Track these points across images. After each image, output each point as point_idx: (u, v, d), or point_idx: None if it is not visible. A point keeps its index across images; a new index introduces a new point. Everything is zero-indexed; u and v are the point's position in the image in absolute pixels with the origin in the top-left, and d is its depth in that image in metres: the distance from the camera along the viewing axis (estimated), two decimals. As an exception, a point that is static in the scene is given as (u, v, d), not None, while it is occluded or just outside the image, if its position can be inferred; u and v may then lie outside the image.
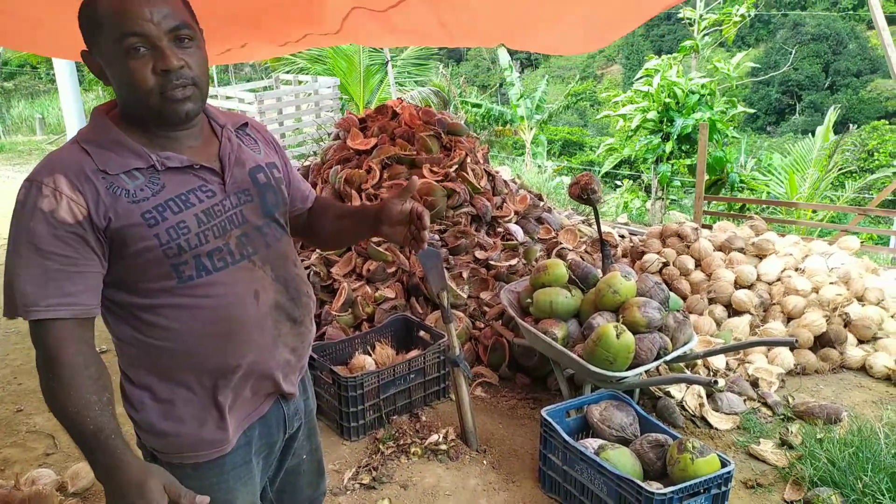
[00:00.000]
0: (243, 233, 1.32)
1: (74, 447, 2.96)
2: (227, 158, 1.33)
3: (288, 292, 1.40)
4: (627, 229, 5.98)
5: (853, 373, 3.65)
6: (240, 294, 1.30)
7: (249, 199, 1.34)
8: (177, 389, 1.31)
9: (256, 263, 1.33)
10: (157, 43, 1.18)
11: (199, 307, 1.26)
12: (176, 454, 1.34)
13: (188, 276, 1.25)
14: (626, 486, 2.28)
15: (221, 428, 1.34)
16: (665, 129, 8.57)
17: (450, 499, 2.67)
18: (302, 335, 1.46)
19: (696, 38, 10.10)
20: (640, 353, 2.80)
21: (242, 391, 1.36)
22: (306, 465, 1.64)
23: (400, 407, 3.20)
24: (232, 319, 1.29)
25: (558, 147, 18.59)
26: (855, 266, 4.20)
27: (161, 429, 1.32)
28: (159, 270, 1.23)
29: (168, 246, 1.22)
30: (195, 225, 1.25)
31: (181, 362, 1.29)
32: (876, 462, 2.58)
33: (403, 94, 9.74)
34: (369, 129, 4.68)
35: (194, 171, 1.28)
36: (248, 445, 1.42)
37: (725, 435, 3.06)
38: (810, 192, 8.83)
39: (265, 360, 1.36)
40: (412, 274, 3.89)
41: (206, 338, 1.28)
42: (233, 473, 1.39)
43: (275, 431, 1.48)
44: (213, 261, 1.27)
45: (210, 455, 1.35)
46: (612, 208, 10.30)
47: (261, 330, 1.33)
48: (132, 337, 1.28)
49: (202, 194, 1.27)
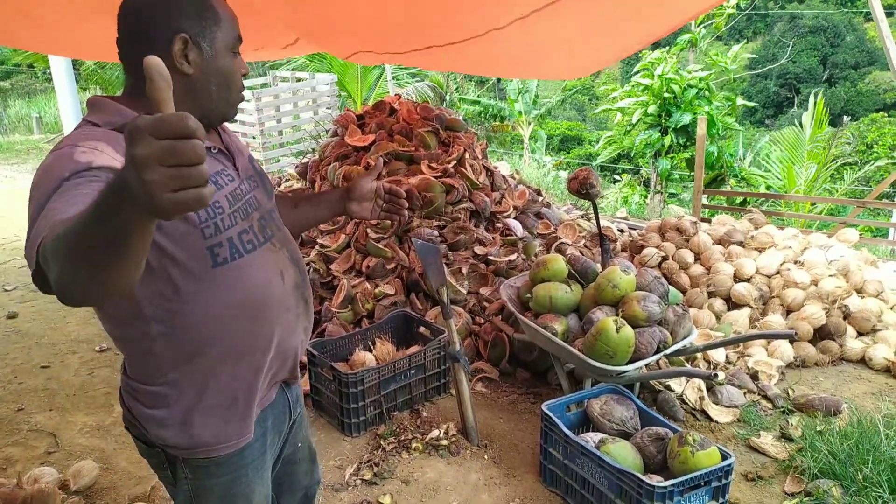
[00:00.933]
0: (261, 216, 1.35)
1: (75, 446, 2.99)
2: (231, 146, 1.38)
3: (300, 273, 1.44)
4: (626, 224, 5.99)
5: (853, 365, 3.66)
6: (269, 274, 1.32)
7: (257, 184, 1.39)
8: (206, 380, 1.28)
9: (276, 245, 1.37)
10: (240, 51, 1.32)
11: (234, 290, 1.26)
12: (201, 450, 1.31)
13: (223, 258, 1.24)
14: (627, 479, 2.28)
15: (245, 416, 1.34)
16: (664, 123, 8.57)
17: (451, 493, 2.68)
18: (310, 316, 1.49)
19: (693, 32, 10.08)
20: (640, 347, 2.80)
21: (266, 377, 1.37)
22: (301, 454, 1.65)
23: (400, 403, 3.21)
24: (265, 300, 1.31)
25: (557, 142, 18.58)
26: (854, 258, 4.21)
27: (182, 425, 1.29)
28: (194, 252, 1.21)
29: (206, 224, 1.21)
30: (227, 206, 1.26)
31: (212, 350, 1.27)
32: (876, 454, 2.59)
33: (401, 91, 9.72)
34: (367, 125, 4.67)
35: (213, 155, 1.30)
36: (264, 436, 1.42)
37: (726, 428, 3.07)
38: (808, 184, 8.84)
39: (290, 339, 1.39)
40: (412, 270, 3.89)
41: (240, 321, 1.28)
42: (252, 466, 1.39)
43: (283, 418, 1.49)
44: (244, 243, 1.28)
45: (234, 447, 1.34)
46: (612, 203, 10.30)
47: (286, 309, 1.37)
48: (161, 332, 1.23)
49: (226, 177, 1.30)
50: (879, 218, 10.63)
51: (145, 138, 0.69)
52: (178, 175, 0.70)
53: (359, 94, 9.96)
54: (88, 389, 3.56)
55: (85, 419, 3.26)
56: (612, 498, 2.37)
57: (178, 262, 1.20)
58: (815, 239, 4.45)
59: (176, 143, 0.69)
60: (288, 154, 7.28)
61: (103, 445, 3.04)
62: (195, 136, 0.70)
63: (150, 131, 0.69)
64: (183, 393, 1.29)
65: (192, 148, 0.70)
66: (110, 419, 3.25)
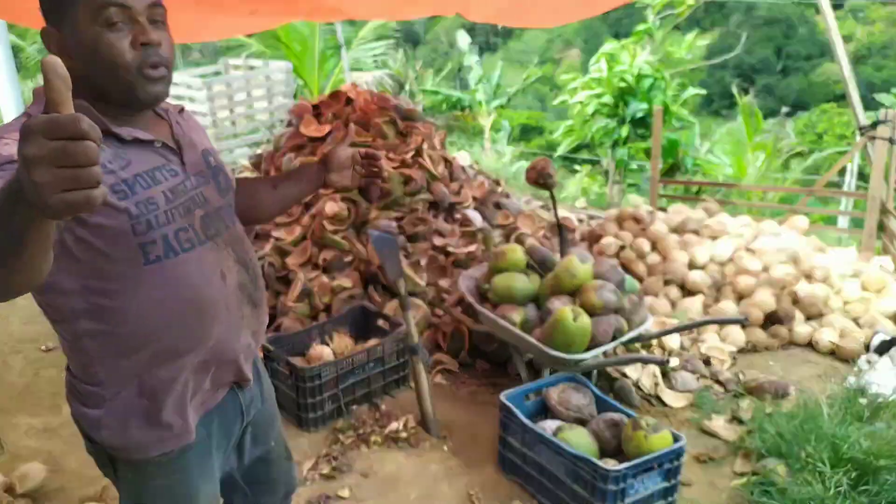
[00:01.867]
0: (206, 213, 1.30)
1: (21, 448, 2.89)
2: (181, 139, 1.32)
3: (248, 274, 1.40)
4: (586, 213, 6.06)
5: (801, 348, 3.77)
6: (206, 274, 1.28)
7: (206, 181, 1.34)
8: (139, 380, 1.26)
9: (220, 245, 1.32)
10: (136, 17, 1.15)
11: (167, 289, 1.23)
12: (139, 450, 1.29)
13: (155, 256, 1.20)
14: (583, 464, 2.32)
15: (183, 418, 1.30)
16: (620, 113, 8.69)
17: (410, 485, 2.68)
18: (260, 319, 1.46)
19: (649, 23, 10.22)
20: (597, 336, 2.83)
21: (205, 378, 1.34)
22: (275, 453, 1.63)
23: (359, 396, 3.19)
24: (200, 301, 1.26)
25: (518, 131, 18.67)
26: (803, 245, 4.34)
27: (122, 423, 1.27)
28: (124, 249, 1.17)
29: (137, 221, 1.17)
30: (163, 202, 1.21)
31: (145, 350, 1.24)
32: (819, 432, 2.68)
33: (358, 80, 9.60)
34: (323, 115, 4.60)
35: (156, 149, 1.25)
36: (209, 439, 1.39)
37: (680, 412, 3.14)
38: (758, 175, 9.09)
39: (231, 342, 1.35)
40: (369, 262, 3.85)
41: (174, 321, 1.24)
42: (196, 469, 1.37)
43: (232, 422, 1.46)
44: (181, 241, 1.24)
45: (173, 446, 1.31)
46: (572, 193, 10.41)
47: (227, 310, 1.32)
48: (91, 329, 1.21)
49: (167, 172, 1.25)
50: (830, 206, 11.01)
51: (37, 139, 0.69)
52: (68, 176, 0.70)
53: (315, 83, 9.81)
54: (34, 390, 3.43)
55: (31, 421, 3.15)
56: (568, 483, 2.40)
57: (108, 258, 1.17)
58: (767, 227, 4.57)
59: (67, 145, 0.70)
60: (242, 145, 7.11)
61: (51, 447, 2.94)
62: (87, 137, 0.70)
63: (41, 132, 0.69)
64: (114, 393, 1.26)
65: (83, 150, 0.70)
66: (58, 420, 3.14)
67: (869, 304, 3.94)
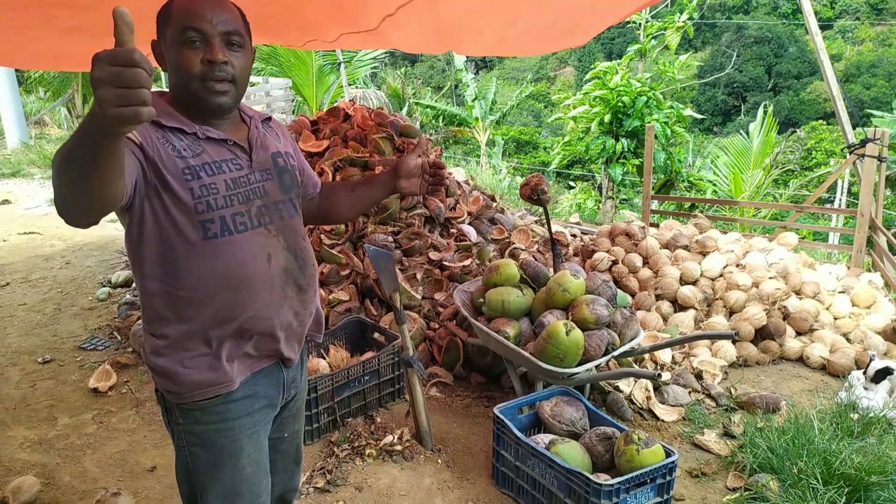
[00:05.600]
0: (263, 204, 1.51)
1: (15, 461, 2.89)
2: (254, 141, 1.55)
3: (297, 261, 1.57)
4: (579, 229, 6.11)
5: (791, 363, 3.82)
6: (254, 255, 1.47)
7: (270, 177, 1.55)
8: (191, 336, 1.45)
9: (271, 232, 1.51)
10: (210, 39, 1.40)
11: (219, 262, 1.43)
12: (187, 394, 1.47)
13: (213, 233, 1.42)
14: (576, 478, 2.34)
15: (225, 368, 1.47)
16: (615, 130, 8.78)
17: (405, 499, 2.69)
18: (305, 302, 1.61)
19: (642, 43, 10.36)
20: (590, 350, 2.87)
21: (247, 343, 1.51)
22: (285, 446, 1.77)
23: (355, 409, 3.20)
24: (245, 275, 1.46)
25: (512, 146, 18.80)
26: (792, 261, 4.39)
27: (174, 371, 1.45)
28: (188, 224, 1.40)
29: (199, 201, 1.40)
30: (224, 189, 1.44)
31: (197, 311, 1.44)
32: (810, 447, 2.71)
33: (356, 96, 9.68)
34: (321, 131, 4.65)
35: (228, 146, 1.49)
36: (254, 398, 1.55)
37: (671, 426, 3.17)
38: (754, 190, 9.18)
39: (270, 315, 1.51)
40: (366, 276, 3.89)
41: (222, 290, 1.44)
42: (238, 423, 1.52)
43: (276, 390, 1.61)
44: (236, 224, 1.45)
45: (216, 392, 1.47)
46: (566, 208, 10.48)
47: (269, 288, 1.50)
48: (159, 289, 1.43)
49: (233, 165, 1.48)
50: (819, 222, 11.11)
51: (102, 65, 0.91)
52: (122, 94, 0.91)
53: (314, 100, 9.89)
54: (30, 402, 3.44)
55: (26, 433, 3.15)
56: (561, 497, 2.42)
57: (174, 230, 1.40)
58: (757, 242, 4.63)
59: (123, 70, 0.91)
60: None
61: (45, 460, 2.94)
62: (139, 66, 0.91)
63: (105, 60, 0.91)
64: (171, 345, 1.46)
65: (134, 75, 0.91)
66: (53, 432, 3.15)
67: (859, 319, 3.99)
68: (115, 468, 2.89)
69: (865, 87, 27.28)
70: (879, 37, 31.97)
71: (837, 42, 30.89)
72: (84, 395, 3.51)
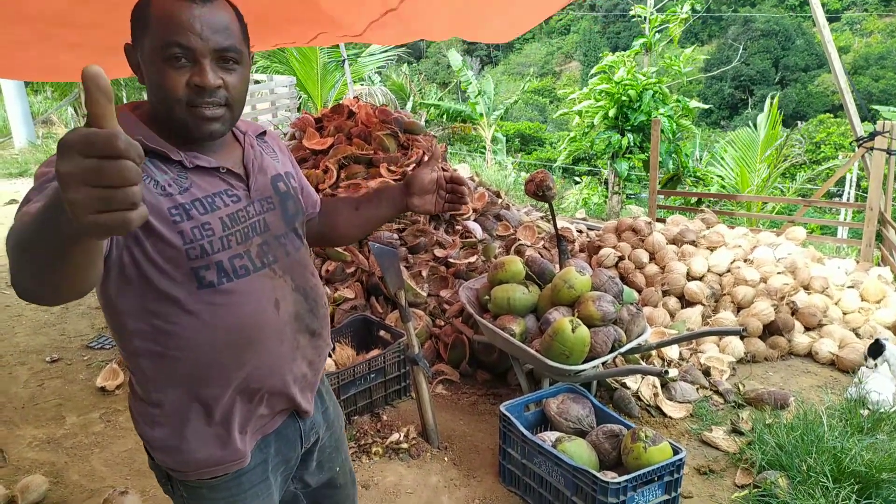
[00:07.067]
0: (264, 241, 1.27)
1: (23, 460, 2.90)
2: (251, 165, 1.30)
3: (307, 303, 1.35)
4: (585, 224, 6.08)
5: (800, 359, 3.79)
6: (260, 303, 1.24)
7: (272, 206, 1.31)
8: (191, 404, 1.24)
9: (277, 272, 1.28)
10: (199, 59, 1.14)
11: (219, 315, 1.20)
12: (193, 472, 1.27)
13: (209, 281, 1.18)
14: (583, 476, 2.33)
15: (237, 443, 1.28)
16: (621, 125, 8.74)
17: (411, 497, 2.69)
18: (319, 348, 1.41)
19: (647, 36, 10.30)
20: (596, 347, 2.85)
21: (259, 406, 1.30)
22: (342, 479, 1.60)
23: (361, 407, 3.20)
24: (252, 328, 1.23)
25: (517, 142, 18.77)
26: (801, 256, 4.36)
27: (174, 447, 1.25)
28: (178, 273, 1.16)
29: (191, 246, 1.15)
30: (220, 228, 1.19)
31: (197, 374, 1.22)
32: (819, 444, 2.69)
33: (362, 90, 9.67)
34: (325, 128, 4.65)
35: (220, 175, 1.24)
36: (266, 463, 1.36)
37: (679, 423, 3.15)
38: (761, 184, 9.12)
39: (282, 371, 1.30)
40: (371, 273, 3.88)
41: (224, 348, 1.22)
42: (252, 492, 1.33)
43: (291, 447, 1.42)
44: (235, 267, 1.21)
45: (226, 471, 1.29)
46: (572, 204, 10.45)
47: (280, 341, 1.28)
48: (146, 349, 1.20)
49: (228, 198, 1.23)
50: (827, 216, 11.04)
51: (72, 155, 0.66)
52: (101, 196, 0.67)
53: (319, 97, 9.88)
54: (38, 401, 3.45)
55: (34, 432, 3.17)
56: (568, 495, 2.41)
57: (162, 281, 1.16)
58: (764, 237, 4.60)
59: (102, 163, 0.66)
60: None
61: (53, 459, 2.96)
62: (124, 156, 0.67)
63: (77, 148, 0.66)
64: (168, 415, 1.25)
65: (118, 169, 0.66)
66: (61, 431, 3.16)
67: (868, 314, 3.96)
68: (123, 467, 2.90)
69: (874, 80, 27.08)
70: (888, 28, 31.70)
71: (845, 34, 30.66)
72: (92, 393, 3.52)
